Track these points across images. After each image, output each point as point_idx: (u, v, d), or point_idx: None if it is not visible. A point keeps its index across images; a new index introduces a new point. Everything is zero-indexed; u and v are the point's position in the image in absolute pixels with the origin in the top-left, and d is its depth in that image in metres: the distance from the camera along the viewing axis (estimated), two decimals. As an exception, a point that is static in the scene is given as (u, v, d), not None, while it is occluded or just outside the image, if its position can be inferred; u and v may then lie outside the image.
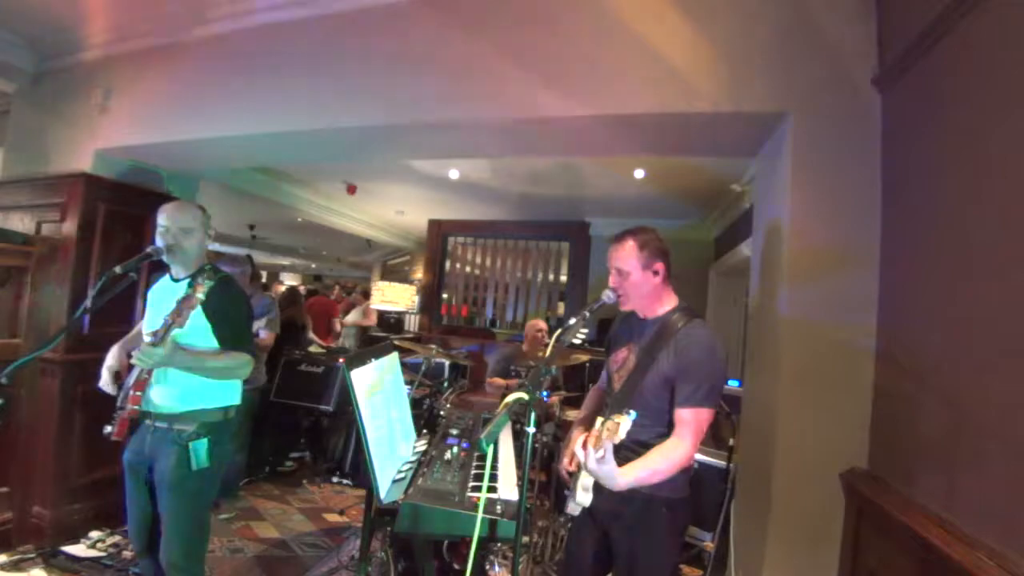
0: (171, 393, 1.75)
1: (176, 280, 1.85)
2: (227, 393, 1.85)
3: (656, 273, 1.52)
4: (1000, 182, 1.16)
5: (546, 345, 3.76)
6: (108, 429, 1.67)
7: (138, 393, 1.67)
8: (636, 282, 1.51)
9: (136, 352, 1.59)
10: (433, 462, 1.72)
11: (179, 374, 1.73)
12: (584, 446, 1.26)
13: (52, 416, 2.58)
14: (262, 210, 6.57)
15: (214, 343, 1.78)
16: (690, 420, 1.38)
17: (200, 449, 1.73)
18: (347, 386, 1.49)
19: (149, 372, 1.68)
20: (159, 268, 1.94)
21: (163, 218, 1.80)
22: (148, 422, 1.77)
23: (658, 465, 1.35)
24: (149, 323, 1.83)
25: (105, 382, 1.78)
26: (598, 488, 1.36)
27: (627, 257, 1.50)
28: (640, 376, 1.48)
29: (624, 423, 1.19)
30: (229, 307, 1.81)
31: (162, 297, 1.83)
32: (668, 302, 1.56)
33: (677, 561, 2.06)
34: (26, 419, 2.59)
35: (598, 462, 1.24)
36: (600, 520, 1.53)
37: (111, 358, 1.83)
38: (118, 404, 1.71)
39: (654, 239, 1.53)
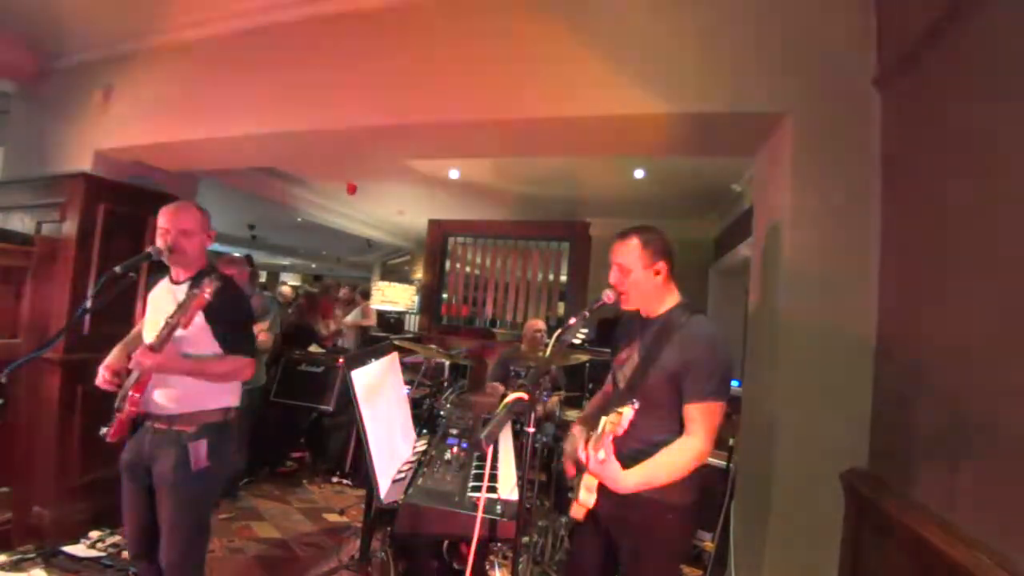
0: (171, 394, 1.74)
1: (176, 283, 1.84)
2: (228, 394, 1.85)
3: (658, 272, 1.51)
4: (1000, 181, 1.16)
5: (545, 345, 3.76)
6: (103, 430, 1.67)
7: (137, 395, 1.66)
8: (637, 280, 1.50)
9: (136, 354, 1.61)
10: (433, 462, 1.72)
11: (180, 376, 1.73)
12: (586, 448, 1.26)
13: (52, 416, 2.58)
14: (262, 210, 6.58)
15: (215, 345, 1.78)
16: (700, 415, 1.36)
17: (200, 450, 1.72)
18: (347, 386, 1.49)
19: (149, 373, 1.68)
20: (159, 269, 1.93)
21: (162, 220, 1.80)
22: (148, 423, 1.76)
23: (667, 465, 1.33)
24: (149, 326, 1.83)
25: (100, 379, 1.77)
26: (602, 491, 1.34)
27: (629, 254, 1.50)
28: (643, 373, 1.46)
29: (626, 414, 1.19)
30: (230, 309, 1.80)
31: (162, 300, 1.82)
32: (670, 300, 1.55)
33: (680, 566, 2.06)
34: (26, 419, 2.59)
35: (599, 464, 1.23)
36: (604, 524, 1.52)
37: (111, 357, 1.83)
38: (116, 405, 1.70)
39: (659, 238, 1.53)
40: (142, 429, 1.78)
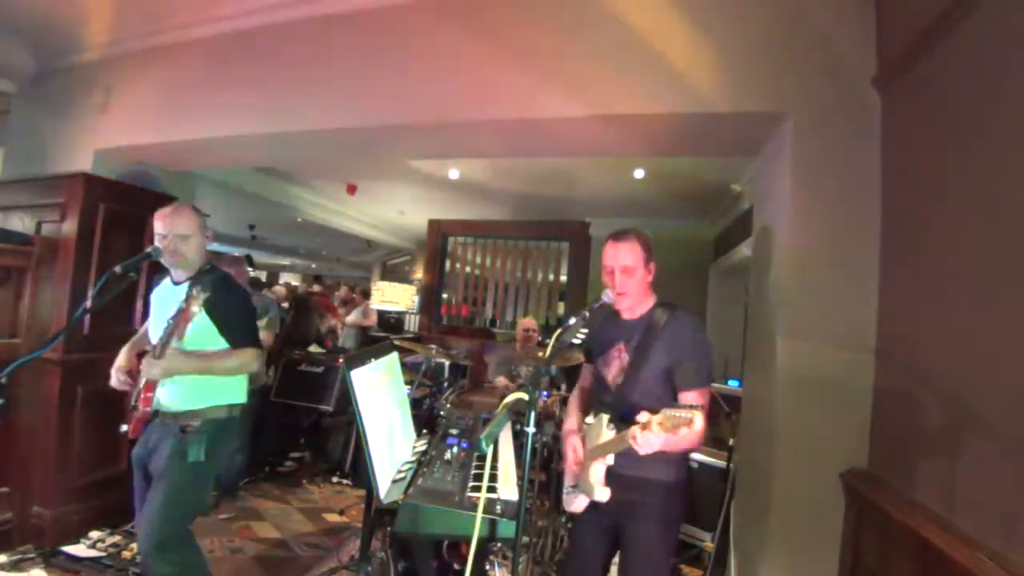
0: (178, 392, 1.80)
1: (177, 284, 1.88)
2: (233, 392, 1.89)
3: (650, 271, 1.61)
4: (1000, 181, 1.16)
5: (538, 344, 3.76)
6: (124, 428, 1.75)
7: (149, 394, 1.73)
8: (639, 279, 1.58)
9: (143, 363, 1.68)
10: (433, 462, 1.71)
11: (187, 375, 1.77)
12: (643, 427, 1.28)
13: (52, 416, 2.57)
14: (262, 210, 6.58)
15: (221, 342, 1.83)
16: (700, 400, 1.47)
17: (197, 443, 1.76)
18: (347, 386, 1.49)
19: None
20: (161, 270, 1.96)
21: (159, 225, 1.83)
22: (157, 420, 1.82)
23: (688, 438, 1.39)
24: (153, 327, 1.88)
25: (115, 381, 1.84)
26: (610, 481, 1.46)
27: (631, 253, 1.57)
28: (638, 371, 1.55)
29: (698, 418, 1.19)
30: (232, 306, 1.86)
31: (164, 301, 1.87)
32: (650, 299, 1.65)
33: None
34: (26, 419, 2.59)
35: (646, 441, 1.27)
36: (610, 510, 1.55)
37: (121, 359, 1.89)
38: (131, 404, 1.77)
39: (649, 240, 1.62)
40: (152, 425, 1.83)
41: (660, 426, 1.25)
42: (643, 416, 1.30)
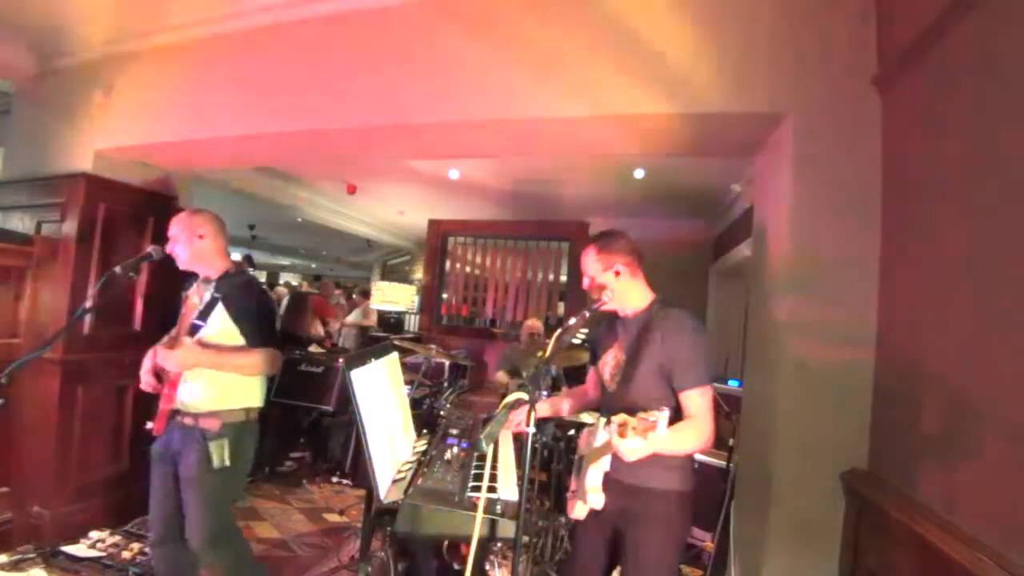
0: (198, 392, 1.85)
1: (207, 281, 1.98)
2: (251, 394, 1.95)
3: (617, 273, 1.57)
4: (1000, 182, 1.16)
5: (544, 345, 3.77)
6: (150, 425, 1.85)
7: (172, 392, 1.81)
8: (608, 283, 1.58)
9: (158, 353, 1.78)
10: (433, 462, 1.71)
11: (208, 374, 1.83)
12: (620, 434, 1.24)
13: (52, 416, 2.58)
14: (262, 210, 6.58)
15: (240, 341, 1.89)
16: (700, 399, 1.44)
17: (221, 448, 1.81)
18: (347, 386, 1.49)
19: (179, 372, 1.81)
20: (188, 273, 2.04)
21: (170, 230, 1.95)
22: (178, 418, 1.88)
23: (689, 440, 1.40)
24: (185, 321, 1.96)
25: (144, 384, 1.91)
26: (608, 487, 1.44)
27: (588, 262, 1.60)
28: (632, 369, 1.53)
29: (661, 422, 1.19)
30: (252, 306, 1.92)
31: (195, 298, 1.97)
32: (644, 298, 1.61)
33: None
34: (26, 419, 2.59)
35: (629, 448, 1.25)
36: (610, 517, 1.54)
37: (148, 360, 1.94)
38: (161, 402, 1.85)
39: (613, 241, 1.59)
40: (172, 422, 1.89)
41: (634, 431, 1.21)
42: (619, 417, 1.26)
